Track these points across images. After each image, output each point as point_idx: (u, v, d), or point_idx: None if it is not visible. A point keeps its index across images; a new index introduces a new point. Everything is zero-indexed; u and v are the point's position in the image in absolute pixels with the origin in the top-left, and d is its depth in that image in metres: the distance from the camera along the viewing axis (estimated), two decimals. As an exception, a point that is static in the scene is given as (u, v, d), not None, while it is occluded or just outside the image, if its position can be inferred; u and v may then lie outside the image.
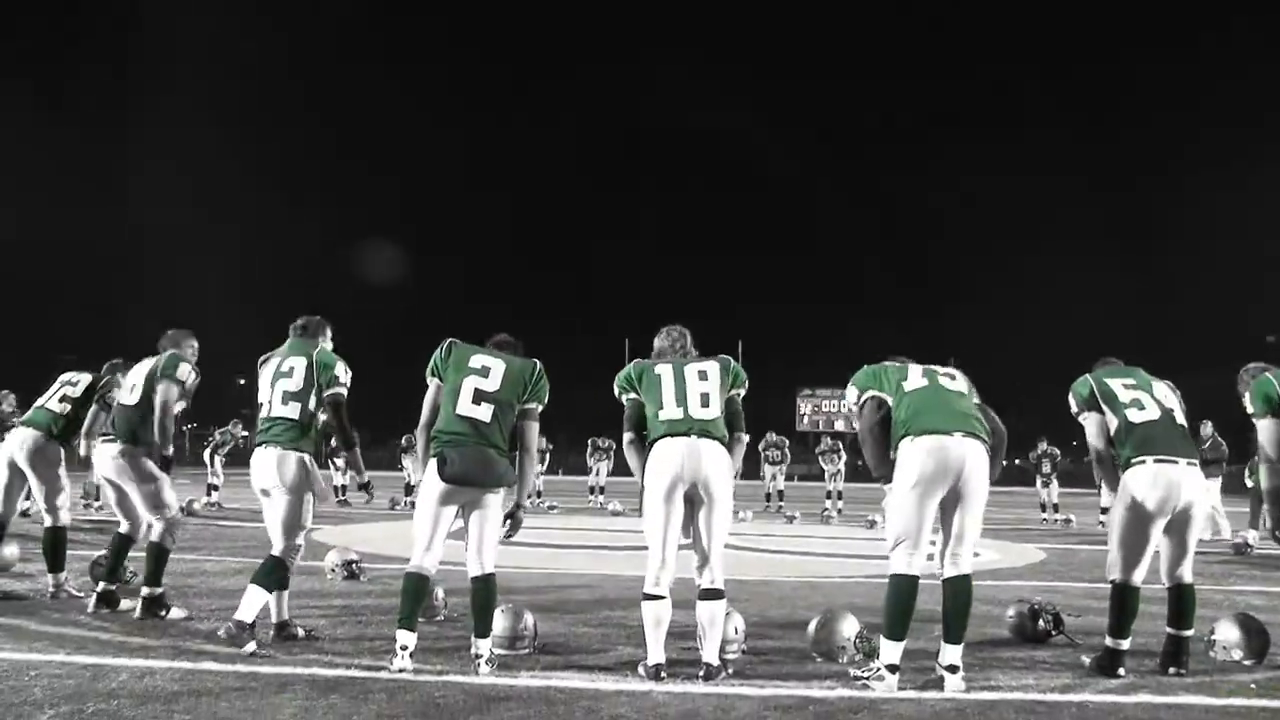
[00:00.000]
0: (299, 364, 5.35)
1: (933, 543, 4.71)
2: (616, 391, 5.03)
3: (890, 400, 4.88)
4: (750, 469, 21.37)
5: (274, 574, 5.13)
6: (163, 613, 5.69)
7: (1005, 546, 12.23)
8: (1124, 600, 4.97)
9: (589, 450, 21.08)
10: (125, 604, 5.88)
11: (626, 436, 4.94)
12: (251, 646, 4.77)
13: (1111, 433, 5.11)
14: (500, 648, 4.96)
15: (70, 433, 6.54)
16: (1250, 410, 5.19)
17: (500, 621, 5.02)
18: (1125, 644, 4.91)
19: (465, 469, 4.57)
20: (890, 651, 4.49)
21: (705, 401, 4.78)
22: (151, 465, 5.90)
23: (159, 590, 5.74)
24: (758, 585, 7.72)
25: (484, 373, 4.73)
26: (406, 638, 4.50)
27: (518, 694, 4.21)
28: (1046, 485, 18.20)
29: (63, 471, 6.57)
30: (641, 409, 4.89)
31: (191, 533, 10.59)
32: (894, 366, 5.04)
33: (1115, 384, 5.19)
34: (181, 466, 10.79)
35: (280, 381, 5.31)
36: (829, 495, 19.03)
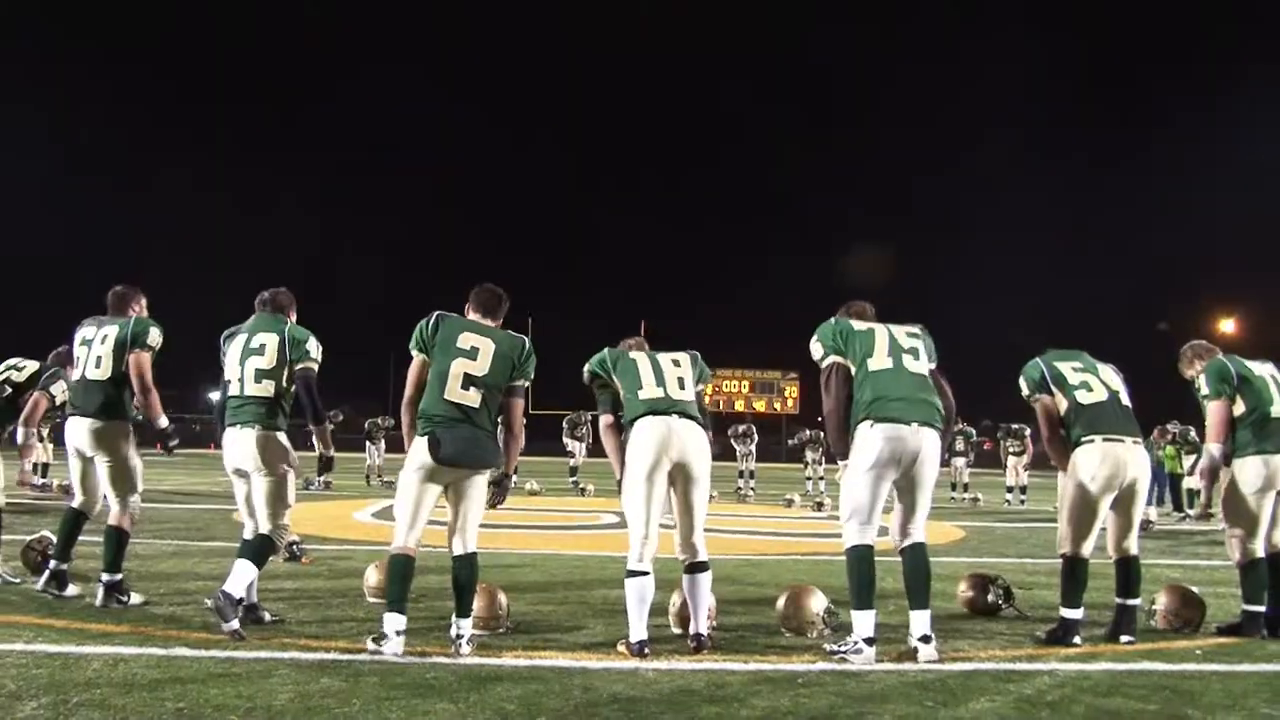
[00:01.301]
0: (270, 340, 5.20)
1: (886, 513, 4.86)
2: (587, 377, 5.08)
3: (853, 372, 4.95)
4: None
5: (264, 552, 5.04)
6: (125, 599, 5.48)
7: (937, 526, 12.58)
8: (1075, 571, 5.21)
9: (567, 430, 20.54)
10: (72, 589, 5.66)
11: (605, 419, 4.99)
12: (235, 624, 4.67)
13: (1061, 413, 5.34)
14: (477, 628, 4.94)
15: (8, 419, 6.28)
16: (1205, 392, 5.47)
17: (475, 602, 4.99)
18: (1078, 614, 5.14)
19: (457, 450, 4.52)
20: (863, 623, 4.61)
21: (681, 385, 4.87)
22: (129, 446, 5.65)
23: (119, 576, 5.51)
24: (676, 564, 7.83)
25: (472, 354, 4.65)
26: (399, 621, 4.44)
27: (508, 674, 4.20)
28: (957, 464, 18.69)
29: None
30: (615, 394, 4.95)
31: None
32: (860, 330, 5.02)
33: (1064, 367, 5.42)
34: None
35: (251, 359, 5.15)
36: (741, 475, 19.27)
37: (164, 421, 5.67)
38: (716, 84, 78.28)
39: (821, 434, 20.24)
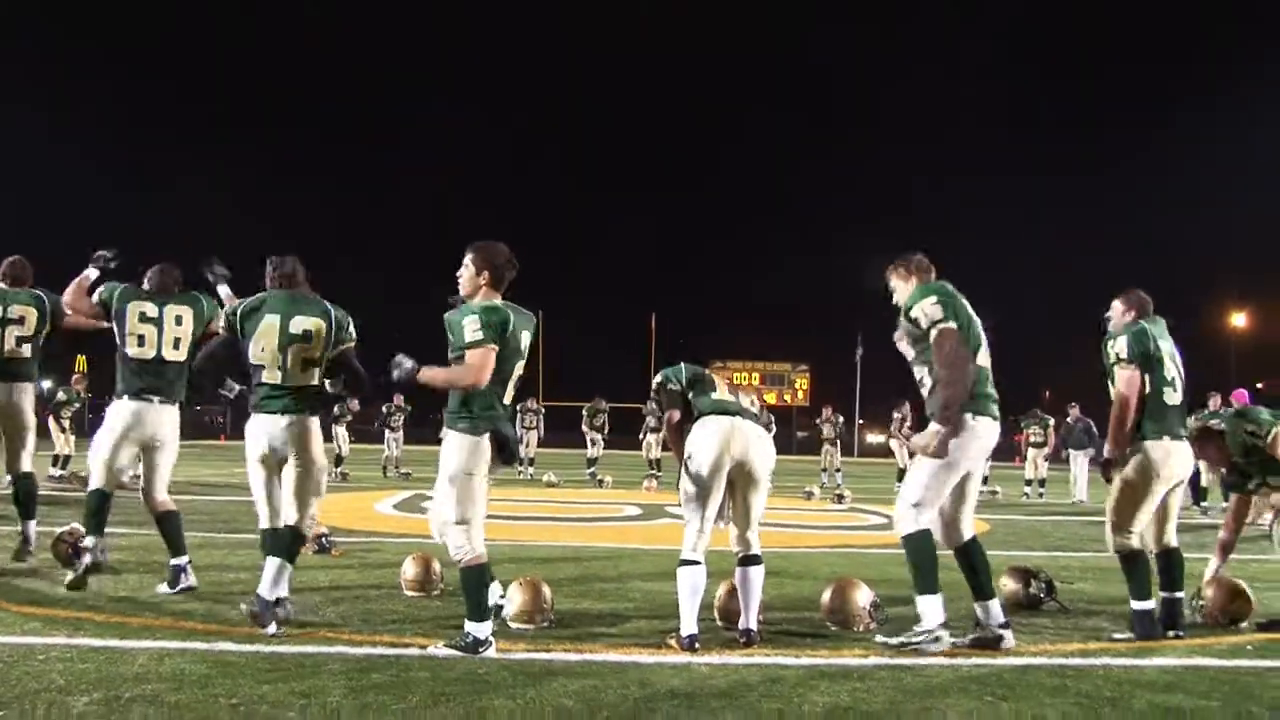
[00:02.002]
0: (316, 326, 4.97)
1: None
2: (663, 379, 5.04)
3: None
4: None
5: (294, 546, 4.95)
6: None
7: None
8: (1143, 563, 5.13)
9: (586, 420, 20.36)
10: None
11: (673, 415, 4.93)
12: (273, 627, 4.60)
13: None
14: (520, 622, 4.89)
15: None
16: (1124, 356, 5.11)
17: (518, 596, 4.95)
18: (1152, 603, 5.07)
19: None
20: (935, 609, 4.55)
21: (751, 403, 4.92)
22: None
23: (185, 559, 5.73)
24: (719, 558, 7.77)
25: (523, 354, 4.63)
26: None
27: (560, 669, 4.14)
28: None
29: None
30: (686, 397, 4.94)
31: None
32: (962, 304, 4.81)
33: (1165, 352, 5.18)
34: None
35: (295, 346, 4.91)
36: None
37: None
38: (716, 84, 78.15)
39: (840, 420, 20.12)
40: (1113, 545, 5.18)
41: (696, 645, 4.52)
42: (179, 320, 5.75)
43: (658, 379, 5.09)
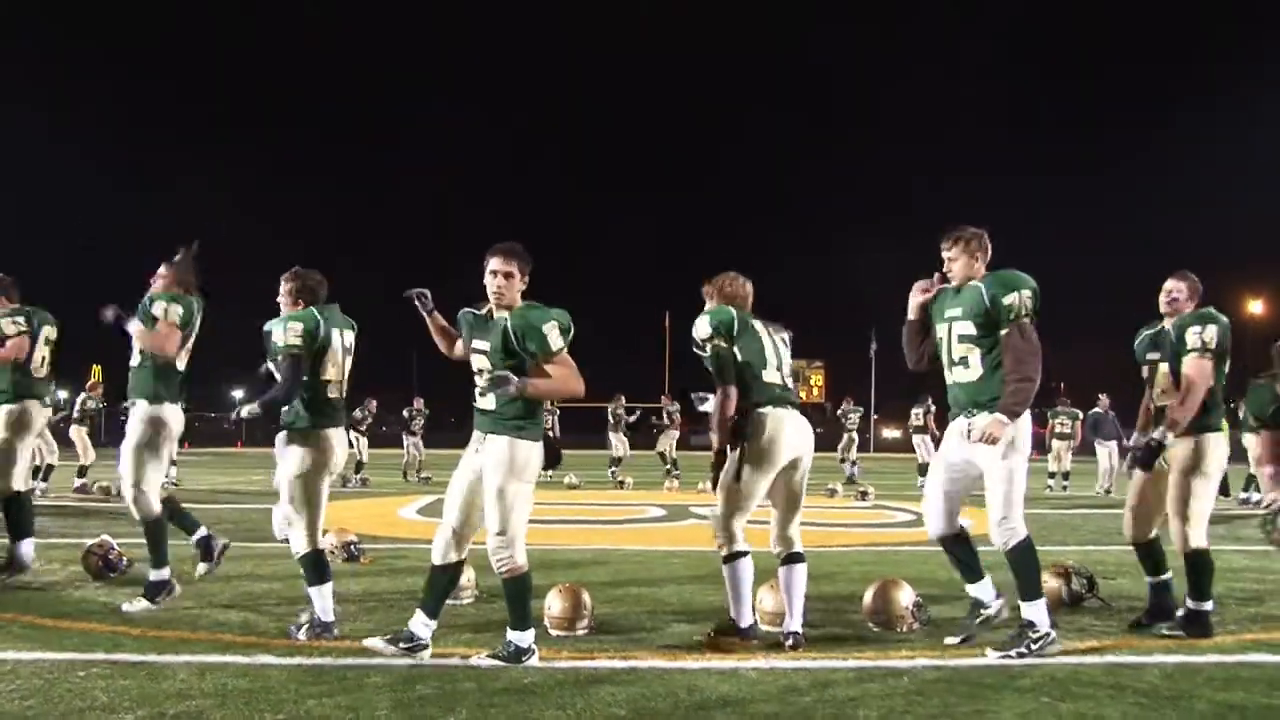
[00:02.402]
0: (353, 339, 5.06)
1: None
2: (708, 333, 4.72)
3: None
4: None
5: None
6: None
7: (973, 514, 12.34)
8: (1211, 562, 5.01)
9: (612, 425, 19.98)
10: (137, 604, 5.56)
11: (731, 390, 4.66)
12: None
13: None
14: (559, 629, 4.83)
15: None
16: (1210, 346, 4.94)
17: (558, 602, 4.89)
18: (1211, 603, 4.98)
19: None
20: (1043, 614, 4.49)
21: (790, 371, 4.82)
22: None
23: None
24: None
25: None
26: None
27: (606, 676, 4.08)
28: None
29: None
30: (734, 360, 4.69)
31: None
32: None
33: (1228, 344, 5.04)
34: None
35: (348, 360, 4.99)
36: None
37: None
38: (717, 84, 77.85)
39: (859, 411, 19.94)
40: (1192, 542, 4.92)
41: (756, 637, 4.56)
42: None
43: (705, 330, 4.71)
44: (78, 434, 15.42)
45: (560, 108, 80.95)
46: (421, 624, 4.36)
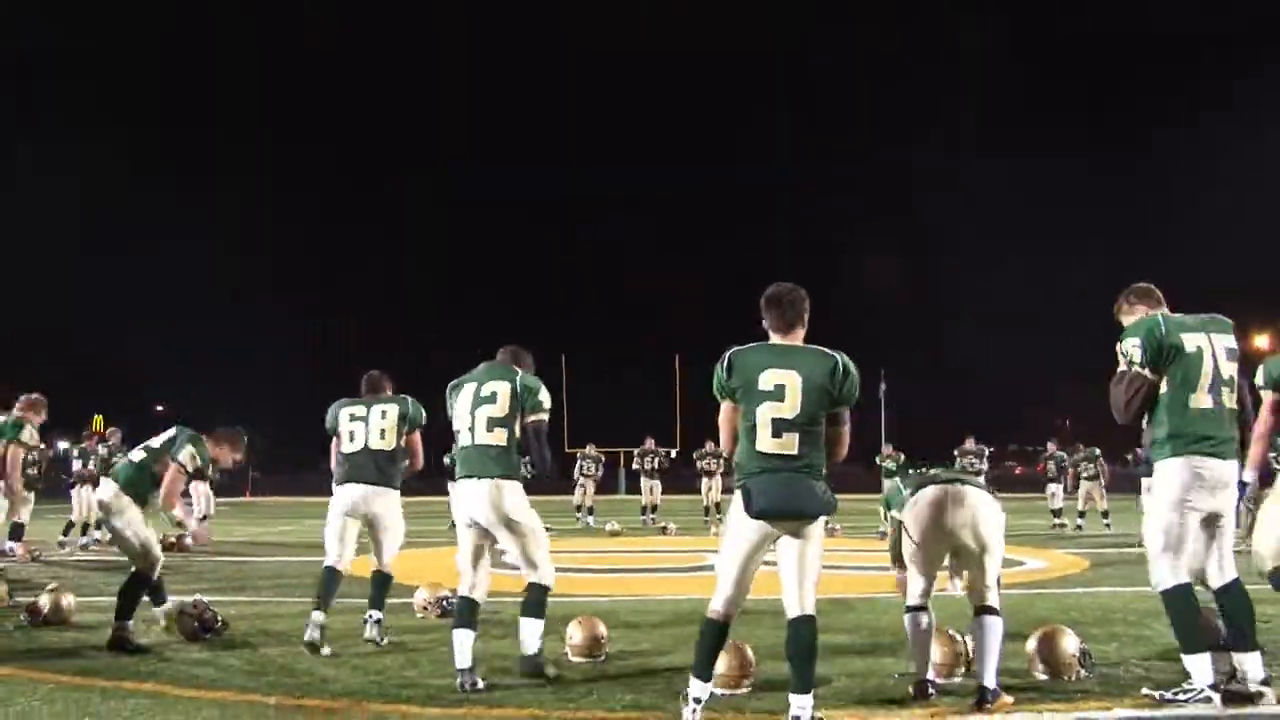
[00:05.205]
0: (502, 389, 5.12)
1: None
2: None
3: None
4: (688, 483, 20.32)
5: (542, 602, 5.20)
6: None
7: (1048, 555, 12.04)
8: None
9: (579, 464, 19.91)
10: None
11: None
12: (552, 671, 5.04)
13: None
14: (727, 687, 4.65)
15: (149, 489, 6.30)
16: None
17: (722, 660, 4.67)
18: None
19: (775, 501, 3.99)
20: (1204, 668, 4.30)
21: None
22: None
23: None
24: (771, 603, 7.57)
25: (779, 394, 4.03)
26: (700, 688, 4.09)
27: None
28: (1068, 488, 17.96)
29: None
30: None
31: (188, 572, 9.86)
32: (1177, 341, 4.48)
33: None
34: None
35: (483, 408, 5.08)
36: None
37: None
38: (716, 84, 77.82)
39: (901, 457, 19.49)
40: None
41: (932, 692, 4.45)
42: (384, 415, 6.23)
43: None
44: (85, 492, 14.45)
45: (560, 107, 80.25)
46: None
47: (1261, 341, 35.59)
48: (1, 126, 52.15)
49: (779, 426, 3.97)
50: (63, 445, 19.84)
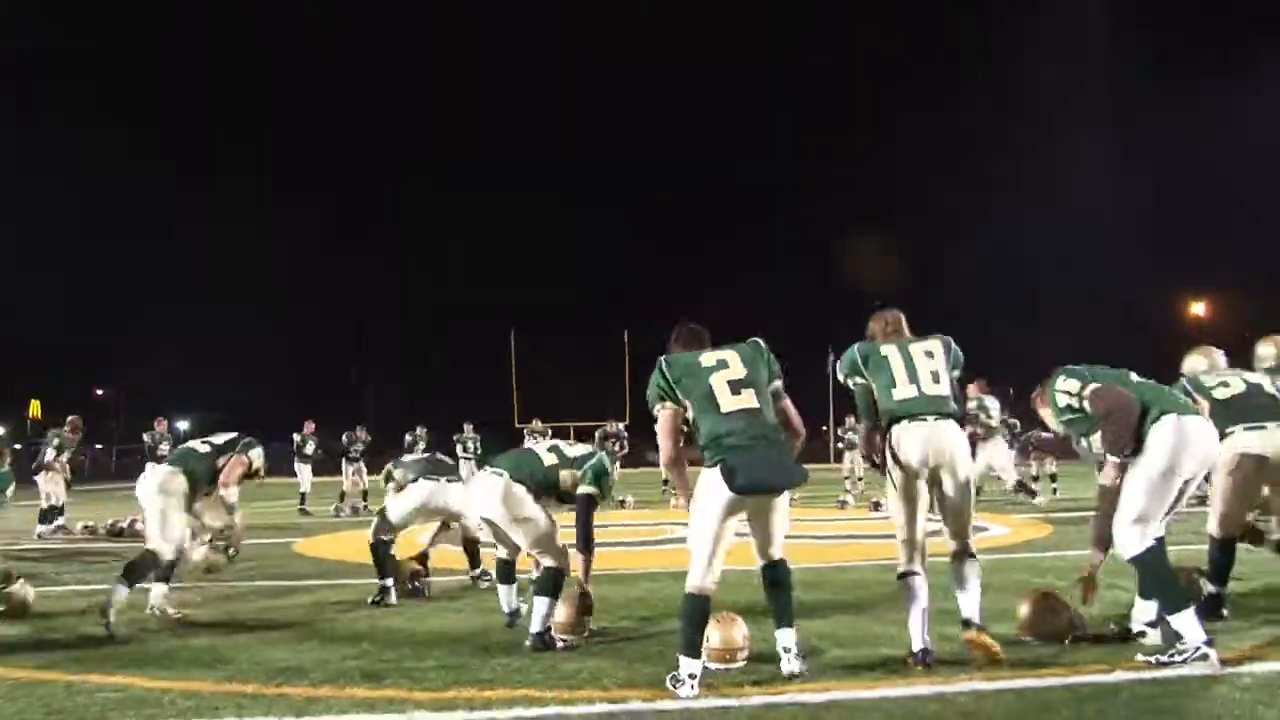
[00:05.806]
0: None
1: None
2: (843, 376, 4.81)
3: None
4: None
5: (556, 583, 5.36)
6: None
7: (1007, 519, 12.02)
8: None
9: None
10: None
11: (866, 425, 4.71)
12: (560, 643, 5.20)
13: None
14: (718, 661, 4.57)
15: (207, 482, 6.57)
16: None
17: (716, 634, 4.61)
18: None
19: (756, 478, 4.15)
20: (1193, 626, 4.29)
21: (936, 378, 4.61)
22: None
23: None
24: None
25: (723, 365, 4.39)
26: (694, 665, 4.09)
27: (811, 712, 3.85)
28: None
29: None
30: (871, 393, 4.69)
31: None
32: (1091, 370, 4.90)
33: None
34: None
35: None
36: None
37: None
38: (716, 84, 77.06)
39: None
40: None
41: (929, 661, 4.40)
42: None
43: (842, 374, 4.82)
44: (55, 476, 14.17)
45: (560, 107, 78.94)
46: None
47: None
48: (1, 126, 50.45)
49: (735, 385, 4.27)
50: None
